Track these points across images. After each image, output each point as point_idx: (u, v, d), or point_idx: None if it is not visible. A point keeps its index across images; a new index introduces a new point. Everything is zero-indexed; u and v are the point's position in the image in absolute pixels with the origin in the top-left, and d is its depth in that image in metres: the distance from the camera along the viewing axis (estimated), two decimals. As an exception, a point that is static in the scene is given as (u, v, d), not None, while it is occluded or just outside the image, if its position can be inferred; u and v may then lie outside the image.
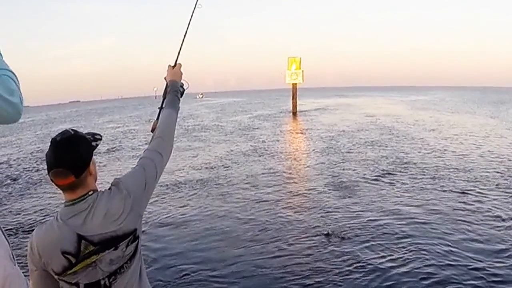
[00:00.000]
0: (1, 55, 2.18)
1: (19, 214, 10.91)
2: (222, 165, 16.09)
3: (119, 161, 17.99)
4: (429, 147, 18.38)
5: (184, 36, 3.33)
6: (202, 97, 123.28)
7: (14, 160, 20.91)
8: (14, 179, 15.64)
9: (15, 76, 2.13)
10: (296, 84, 42.26)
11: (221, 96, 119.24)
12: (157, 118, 2.92)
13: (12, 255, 2.07)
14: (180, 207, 10.58)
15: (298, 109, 42.89)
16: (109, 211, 2.25)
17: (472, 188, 11.21)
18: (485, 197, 10.41)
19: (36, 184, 14.66)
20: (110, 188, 2.38)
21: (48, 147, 2.23)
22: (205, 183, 13.15)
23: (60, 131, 2.28)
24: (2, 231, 2.05)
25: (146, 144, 23.11)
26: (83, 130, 2.39)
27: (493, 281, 6.19)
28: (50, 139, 2.23)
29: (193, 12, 3.43)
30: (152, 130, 2.82)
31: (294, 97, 43.01)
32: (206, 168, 15.59)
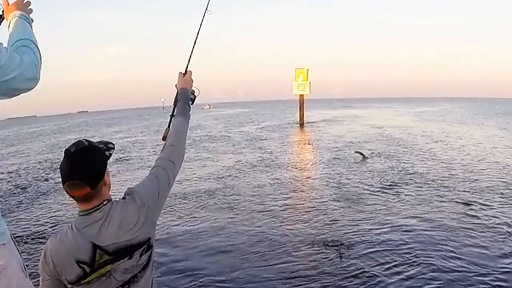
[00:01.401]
0: (28, 21, 2.18)
1: (29, 223, 11.01)
2: (230, 176, 16.16)
3: (128, 171, 18.03)
4: (435, 158, 18.38)
5: (195, 42, 3.32)
6: (209, 108, 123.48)
7: (23, 169, 21.04)
8: (24, 188, 15.76)
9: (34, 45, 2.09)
10: (303, 95, 42.26)
11: (229, 107, 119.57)
12: (168, 126, 2.92)
13: (24, 267, 2.06)
14: (188, 216, 10.65)
15: (305, 120, 42.82)
16: (124, 220, 2.27)
17: (477, 199, 11.21)
18: (490, 207, 10.41)
19: (45, 193, 14.78)
20: (124, 198, 2.38)
21: (62, 158, 2.23)
22: (212, 193, 13.21)
23: (73, 142, 2.28)
24: (14, 242, 2.03)
25: (154, 154, 23.27)
26: (94, 139, 2.41)
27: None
28: (64, 150, 2.22)
29: (203, 18, 3.43)
30: (164, 138, 2.83)
31: (301, 108, 43.02)
32: (214, 178, 15.65)
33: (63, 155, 2.22)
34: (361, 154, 19.23)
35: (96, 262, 2.19)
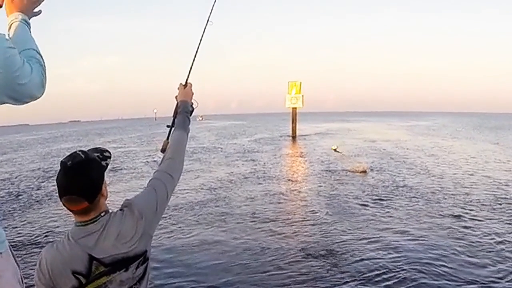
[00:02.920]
0: (29, 27, 2.14)
1: (22, 230, 10.98)
2: (222, 187, 16.21)
3: (121, 182, 18.04)
4: (427, 172, 18.53)
5: (196, 54, 3.25)
6: (202, 119, 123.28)
7: (16, 177, 20.97)
8: (17, 196, 15.74)
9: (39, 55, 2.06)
10: (296, 108, 42.34)
11: (221, 119, 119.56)
12: (167, 138, 2.87)
13: (21, 279, 2.01)
14: (179, 227, 10.69)
15: (298, 133, 42.91)
16: (121, 232, 2.23)
17: (467, 212, 11.39)
18: (479, 220, 10.58)
19: (38, 201, 14.73)
20: (122, 209, 2.34)
21: (58, 172, 2.17)
22: (204, 204, 13.26)
23: (69, 154, 2.22)
24: (12, 253, 1.98)
25: (147, 164, 23.29)
26: (87, 148, 2.37)
27: None
28: (60, 162, 2.17)
29: (204, 29, 3.33)
30: (162, 151, 2.79)
31: (294, 121, 43.05)
32: (206, 189, 15.70)
33: (59, 167, 2.17)
34: (335, 150, 22.53)
35: (92, 273, 2.17)
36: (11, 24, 2.06)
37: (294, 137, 41.75)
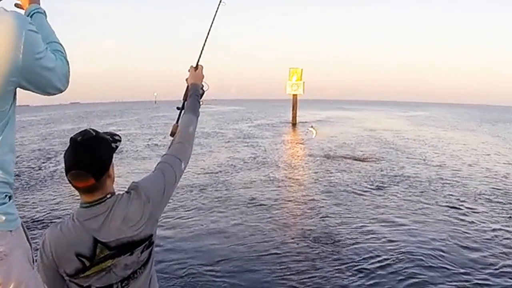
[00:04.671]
0: (44, 14, 2.11)
1: (23, 210, 10.97)
2: (222, 171, 16.29)
3: (122, 164, 17.99)
4: (426, 162, 18.58)
5: (207, 35, 3.17)
6: (202, 104, 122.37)
7: (17, 157, 20.82)
8: (18, 175, 15.72)
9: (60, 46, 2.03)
10: (296, 95, 42.16)
11: (221, 104, 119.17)
12: (177, 121, 2.85)
13: (32, 259, 1.95)
14: (179, 210, 10.75)
15: (298, 120, 42.74)
16: (127, 216, 2.21)
17: (464, 202, 11.48)
18: (476, 211, 10.68)
19: (41, 181, 14.86)
20: (128, 192, 2.32)
21: (67, 148, 2.16)
22: (204, 188, 13.33)
23: (79, 131, 2.20)
24: (25, 232, 1.92)
25: (148, 147, 23.31)
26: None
27: (467, 281, 6.71)
28: (70, 138, 2.16)
29: (217, 9, 3.25)
30: (172, 134, 2.76)
31: (294, 108, 42.90)
32: (206, 173, 15.74)
33: (68, 143, 2.15)
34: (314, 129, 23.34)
35: (96, 256, 2.15)
36: (32, 15, 2.05)
37: (294, 124, 41.60)
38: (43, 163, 18.86)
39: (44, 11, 2.11)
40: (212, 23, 3.21)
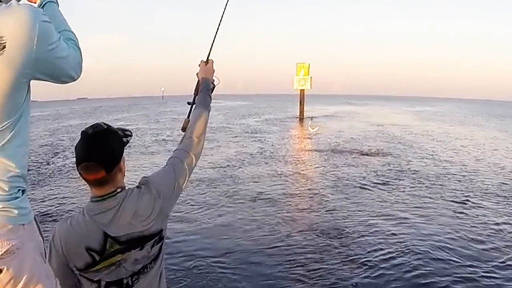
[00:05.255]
0: (56, 2, 2.09)
1: (32, 204, 10.97)
2: (230, 166, 16.37)
3: (131, 159, 17.85)
4: (434, 157, 18.57)
5: (217, 29, 3.13)
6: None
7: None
8: (27, 170, 15.75)
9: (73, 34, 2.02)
10: (303, 90, 42.13)
11: (228, 99, 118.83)
12: (188, 116, 2.81)
13: (44, 252, 1.91)
14: (187, 203, 10.79)
15: (305, 115, 42.61)
16: (137, 211, 2.21)
17: (471, 197, 11.45)
18: (483, 206, 10.64)
19: (49, 176, 14.92)
20: (139, 187, 2.32)
21: (78, 141, 2.17)
22: (212, 182, 13.39)
23: (91, 124, 2.22)
24: (38, 225, 1.89)
25: (155, 142, 23.31)
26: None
27: (473, 273, 6.73)
28: (81, 131, 2.17)
29: (226, 3, 3.21)
30: (183, 129, 2.73)
31: (301, 103, 42.90)
32: (214, 167, 15.80)
33: (79, 137, 2.17)
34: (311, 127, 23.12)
35: (106, 250, 2.15)
36: (45, 5, 2.04)
37: (301, 118, 41.55)
38: (51, 157, 18.94)
39: (56, 0, 2.11)
40: (222, 17, 3.19)
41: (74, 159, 2.18)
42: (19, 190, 1.72)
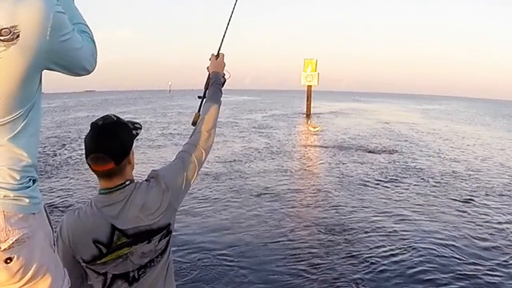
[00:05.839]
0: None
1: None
2: (236, 160, 16.39)
3: (138, 153, 17.71)
4: (439, 156, 18.56)
5: (228, 23, 3.11)
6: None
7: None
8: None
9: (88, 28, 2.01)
10: (311, 86, 41.99)
11: (235, 94, 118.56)
12: (198, 110, 2.77)
13: (53, 242, 1.90)
14: (194, 196, 10.80)
15: (312, 111, 42.57)
16: (146, 204, 2.20)
17: (476, 196, 11.43)
18: (487, 206, 10.63)
19: (56, 167, 14.93)
20: (148, 180, 2.31)
21: (88, 133, 2.16)
22: (218, 176, 13.43)
23: (101, 116, 2.22)
24: (47, 215, 1.89)
25: (162, 135, 23.33)
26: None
27: (475, 271, 6.78)
28: (91, 123, 2.18)
29: None
30: (193, 123, 2.70)
31: (308, 99, 42.73)
32: (220, 162, 15.83)
33: (89, 128, 2.17)
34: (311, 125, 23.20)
35: (113, 243, 2.15)
36: None
37: (308, 114, 41.33)
38: (58, 149, 18.98)
39: None
40: (233, 11, 3.17)
41: (81, 151, 2.18)
42: (30, 179, 1.73)
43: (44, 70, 1.77)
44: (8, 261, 1.63)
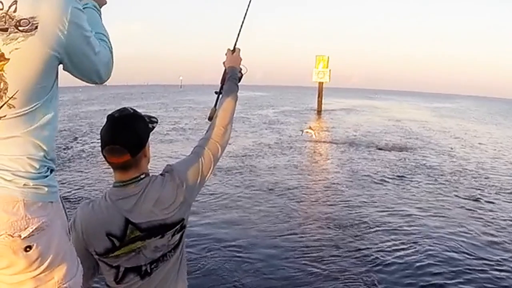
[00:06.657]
0: (99, 13, 2.11)
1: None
2: (247, 155, 16.44)
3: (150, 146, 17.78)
4: (450, 154, 18.51)
5: (244, 17, 3.07)
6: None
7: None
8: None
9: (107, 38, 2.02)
10: (322, 82, 41.73)
11: (246, 89, 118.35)
12: (215, 105, 2.74)
13: (69, 231, 1.94)
14: (205, 191, 10.74)
15: (323, 107, 42.35)
16: (160, 198, 2.20)
17: (485, 195, 11.42)
18: (496, 204, 10.64)
19: (69, 160, 15.14)
20: (163, 174, 2.31)
21: (104, 125, 2.18)
22: (229, 171, 13.49)
23: (117, 109, 2.24)
24: (62, 205, 1.91)
25: (173, 130, 23.39)
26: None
27: (484, 265, 6.89)
28: (107, 116, 2.20)
29: None
30: (209, 119, 2.68)
31: (320, 96, 42.48)
32: (232, 157, 15.83)
33: (105, 120, 2.19)
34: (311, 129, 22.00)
35: (126, 236, 2.16)
36: (85, 8, 1.97)
37: (319, 111, 41.24)
38: (70, 142, 19.02)
39: (99, 9, 2.13)
40: (249, 6, 3.12)
41: (93, 145, 2.19)
42: (48, 169, 1.77)
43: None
44: (28, 249, 1.67)
